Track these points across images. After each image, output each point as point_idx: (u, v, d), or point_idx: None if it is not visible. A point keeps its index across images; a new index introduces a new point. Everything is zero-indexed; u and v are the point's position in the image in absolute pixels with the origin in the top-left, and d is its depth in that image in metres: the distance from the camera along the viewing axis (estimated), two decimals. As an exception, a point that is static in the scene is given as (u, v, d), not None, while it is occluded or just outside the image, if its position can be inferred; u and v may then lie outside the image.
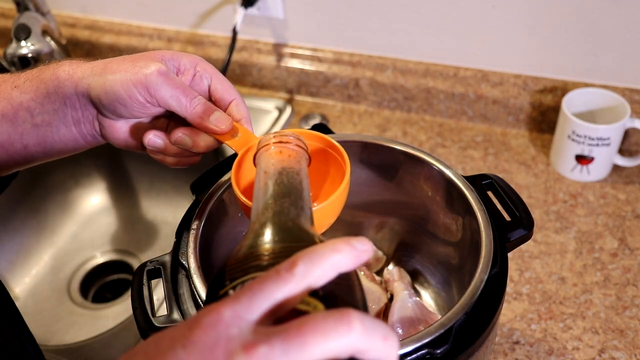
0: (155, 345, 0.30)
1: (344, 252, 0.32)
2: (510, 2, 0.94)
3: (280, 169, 0.45)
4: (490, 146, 1.02)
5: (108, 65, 0.54)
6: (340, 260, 0.32)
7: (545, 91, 1.00)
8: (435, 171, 0.63)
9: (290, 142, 0.48)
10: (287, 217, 0.40)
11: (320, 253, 0.32)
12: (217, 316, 0.30)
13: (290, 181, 0.44)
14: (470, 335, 0.50)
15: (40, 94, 0.55)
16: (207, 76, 0.57)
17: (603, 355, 0.74)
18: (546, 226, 0.88)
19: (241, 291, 0.31)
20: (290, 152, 0.47)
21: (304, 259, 0.31)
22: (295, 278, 0.31)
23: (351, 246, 0.32)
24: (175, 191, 1.13)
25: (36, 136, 0.56)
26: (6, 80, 0.56)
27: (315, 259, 0.31)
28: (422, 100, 1.07)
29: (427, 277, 0.72)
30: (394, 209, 0.71)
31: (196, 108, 0.54)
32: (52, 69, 0.55)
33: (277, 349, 0.28)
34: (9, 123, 0.56)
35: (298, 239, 0.38)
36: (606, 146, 0.90)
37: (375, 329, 0.29)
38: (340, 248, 0.32)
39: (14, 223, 1.07)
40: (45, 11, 1.03)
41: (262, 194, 0.43)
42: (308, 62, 1.10)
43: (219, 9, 1.12)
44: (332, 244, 0.32)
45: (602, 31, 0.92)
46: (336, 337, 0.28)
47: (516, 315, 0.78)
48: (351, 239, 0.33)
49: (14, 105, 0.55)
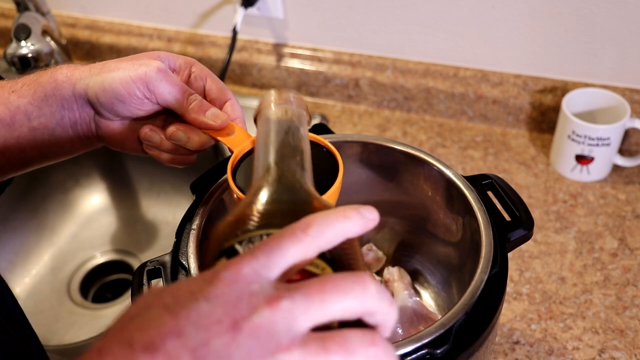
0: (172, 296, 0.30)
1: (354, 219, 0.33)
2: (510, 2, 0.94)
3: (286, 129, 0.44)
4: (490, 146, 1.02)
5: (106, 65, 0.55)
6: (350, 227, 0.33)
7: (545, 91, 1.00)
8: (435, 171, 0.63)
9: (293, 103, 0.47)
10: (295, 178, 0.40)
11: (333, 218, 0.33)
12: (237, 272, 0.30)
13: (296, 142, 0.43)
14: (470, 335, 0.50)
15: (38, 97, 0.55)
16: (202, 77, 0.58)
17: (603, 355, 0.74)
18: (546, 226, 0.88)
19: (258, 249, 0.31)
20: (293, 112, 0.46)
21: (317, 221, 0.32)
22: (310, 239, 0.31)
23: (360, 214, 0.33)
24: (175, 191, 1.13)
25: (33, 140, 0.57)
26: (3, 86, 0.57)
27: (328, 223, 0.32)
28: (422, 100, 1.07)
29: (427, 277, 0.72)
30: (394, 209, 0.71)
31: (192, 104, 0.55)
32: (50, 73, 0.56)
33: (299, 303, 0.29)
34: (5, 127, 0.56)
35: (306, 201, 0.38)
36: (606, 146, 0.90)
37: (385, 294, 0.31)
38: (350, 215, 0.33)
39: (14, 223, 1.07)
40: (45, 11, 1.03)
41: (265, 154, 0.42)
42: (308, 62, 1.10)
43: (219, 9, 1.12)
44: (343, 211, 0.33)
45: (602, 31, 0.92)
46: (353, 296, 0.30)
47: (516, 315, 0.78)
48: (360, 207, 0.34)
49: (11, 109, 0.55)
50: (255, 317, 0.28)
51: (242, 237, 0.34)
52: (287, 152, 0.42)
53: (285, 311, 0.29)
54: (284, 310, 0.29)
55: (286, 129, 0.44)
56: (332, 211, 0.33)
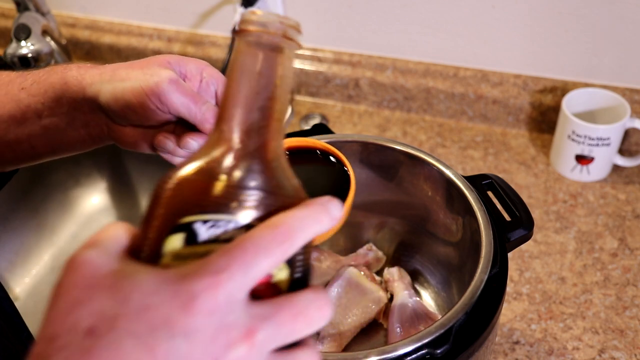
0: (144, 323, 0.27)
1: (324, 221, 0.32)
2: (510, 2, 0.94)
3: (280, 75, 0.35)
4: (490, 146, 1.02)
5: (117, 72, 0.54)
6: (319, 230, 0.32)
7: (545, 91, 1.00)
8: (435, 171, 0.64)
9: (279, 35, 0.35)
10: (278, 153, 0.34)
11: (306, 223, 0.31)
12: (214, 298, 0.28)
13: (286, 96, 0.36)
14: (470, 335, 0.50)
15: (49, 97, 0.55)
16: (213, 82, 0.57)
17: (603, 355, 0.74)
18: (546, 226, 0.88)
19: (233, 262, 0.29)
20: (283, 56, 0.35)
21: (293, 228, 0.31)
22: (285, 247, 0.30)
23: (330, 216, 0.33)
24: (175, 191, 1.13)
25: (44, 137, 0.57)
26: (12, 80, 0.57)
27: (303, 228, 0.31)
28: (422, 100, 1.07)
29: (427, 277, 0.72)
30: (394, 209, 0.71)
31: (205, 114, 0.54)
32: (60, 73, 0.55)
33: (271, 333, 0.29)
34: (16, 124, 0.56)
35: (286, 188, 0.34)
36: (606, 146, 0.90)
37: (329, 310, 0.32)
38: (321, 218, 0.32)
39: (14, 223, 1.07)
40: (45, 11, 1.03)
41: (250, 104, 0.34)
42: (308, 62, 1.10)
43: (219, 9, 1.12)
44: (315, 215, 0.32)
45: (602, 31, 0.92)
46: (317, 325, 0.30)
47: (516, 315, 0.78)
48: (328, 205, 0.33)
49: (22, 107, 0.55)
50: (233, 355, 0.28)
51: (207, 217, 0.31)
52: (278, 111, 0.35)
53: (260, 344, 0.28)
54: (259, 344, 0.28)
55: (280, 75, 0.35)
56: (305, 213, 0.32)
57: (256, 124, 0.34)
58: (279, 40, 0.34)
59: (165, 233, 0.31)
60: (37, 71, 0.57)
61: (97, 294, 0.28)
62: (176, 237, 0.31)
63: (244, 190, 0.32)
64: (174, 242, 0.31)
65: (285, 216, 0.31)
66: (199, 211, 0.31)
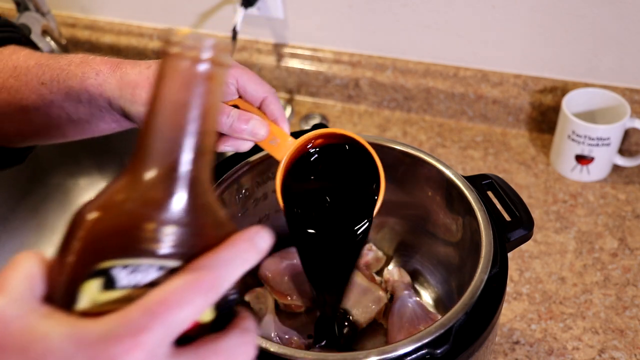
0: None
1: (251, 261, 0.31)
2: (510, 2, 0.94)
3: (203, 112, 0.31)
4: (490, 146, 1.02)
5: (136, 91, 0.54)
6: (247, 268, 0.31)
7: (545, 91, 1.00)
8: (435, 171, 0.63)
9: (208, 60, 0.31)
10: (207, 187, 0.32)
11: (234, 264, 0.30)
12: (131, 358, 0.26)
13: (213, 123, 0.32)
14: (470, 335, 0.50)
15: (73, 100, 0.56)
16: (232, 81, 0.56)
17: (603, 355, 0.74)
18: (546, 226, 0.88)
19: (155, 314, 0.27)
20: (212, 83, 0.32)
21: (221, 271, 0.29)
22: (212, 293, 0.29)
23: (257, 250, 0.31)
24: (175, 191, 1.13)
25: (74, 128, 0.58)
26: (29, 71, 0.56)
27: (231, 271, 0.30)
28: (422, 100, 1.07)
29: (427, 277, 0.72)
30: (394, 209, 0.71)
31: (233, 125, 0.55)
32: (79, 79, 0.55)
33: None
34: (43, 116, 0.57)
35: (216, 225, 0.32)
36: (606, 146, 0.90)
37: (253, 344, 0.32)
38: (248, 257, 0.31)
39: (14, 223, 1.07)
40: (45, 11, 1.03)
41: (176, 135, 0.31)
42: (308, 62, 1.10)
43: (219, 9, 1.12)
44: (241, 254, 0.31)
45: (602, 31, 0.92)
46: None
47: (516, 315, 0.78)
48: (257, 239, 0.31)
49: (46, 102, 0.56)
50: None
51: (127, 262, 0.29)
52: (205, 145, 0.32)
53: None
54: None
55: (208, 104, 0.31)
56: (231, 254, 0.30)
57: (181, 158, 0.31)
58: (208, 67, 0.31)
59: (82, 278, 0.29)
60: (52, 64, 0.56)
61: (7, 357, 0.26)
62: (94, 283, 0.28)
63: (167, 231, 0.30)
64: (92, 288, 0.29)
65: (210, 260, 0.29)
66: (117, 256, 0.29)
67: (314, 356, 0.48)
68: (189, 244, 0.30)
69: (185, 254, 0.30)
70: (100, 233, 0.29)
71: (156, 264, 0.29)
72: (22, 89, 0.56)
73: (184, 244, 0.30)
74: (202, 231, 0.31)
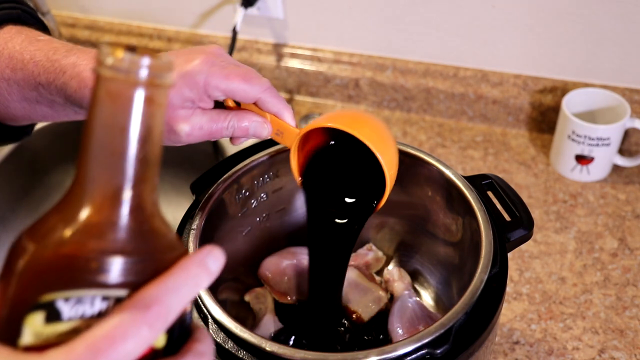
0: None
1: (202, 284, 0.30)
2: (510, 2, 0.94)
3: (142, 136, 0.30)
4: (490, 146, 1.02)
5: None
6: (198, 290, 0.30)
7: (545, 91, 1.00)
8: (435, 171, 0.63)
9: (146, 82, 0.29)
10: (147, 214, 0.30)
11: (180, 294, 0.29)
12: None
13: (157, 145, 0.31)
14: (470, 335, 0.50)
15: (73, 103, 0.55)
16: (218, 94, 0.54)
17: (603, 355, 0.74)
18: (546, 226, 0.88)
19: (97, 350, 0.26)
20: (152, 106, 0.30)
21: (166, 304, 0.28)
22: (159, 324, 0.28)
23: (209, 272, 0.31)
24: (175, 191, 1.13)
25: (83, 115, 0.58)
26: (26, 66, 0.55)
27: (175, 302, 0.29)
28: (422, 100, 1.07)
29: (427, 277, 0.72)
30: (394, 209, 0.71)
31: (234, 133, 0.56)
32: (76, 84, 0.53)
33: None
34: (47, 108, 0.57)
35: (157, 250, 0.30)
36: (606, 146, 0.90)
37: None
38: (199, 281, 0.30)
39: (14, 223, 1.07)
40: (45, 11, 1.03)
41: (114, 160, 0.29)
42: (308, 62, 1.10)
43: (219, 9, 1.12)
44: (191, 279, 0.30)
45: (602, 31, 0.92)
46: None
47: (516, 315, 0.78)
48: (207, 261, 0.31)
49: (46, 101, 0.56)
50: None
51: (70, 293, 0.27)
52: (148, 169, 0.30)
53: None
54: None
55: (148, 128, 0.30)
56: (180, 281, 0.29)
57: (121, 185, 0.29)
58: (145, 89, 0.29)
59: (25, 311, 0.27)
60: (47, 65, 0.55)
61: None
62: (37, 316, 0.27)
63: (110, 260, 0.28)
64: (36, 322, 0.27)
65: (157, 289, 0.29)
66: (60, 287, 0.27)
67: (314, 356, 0.48)
68: (135, 272, 0.29)
69: (132, 282, 0.29)
70: (41, 264, 0.28)
71: (101, 294, 0.28)
72: (20, 83, 0.56)
73: (130, 272, 0.29)
74: (148, 257, 0.30)
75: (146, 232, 0.30)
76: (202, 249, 0.31)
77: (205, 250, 0.31)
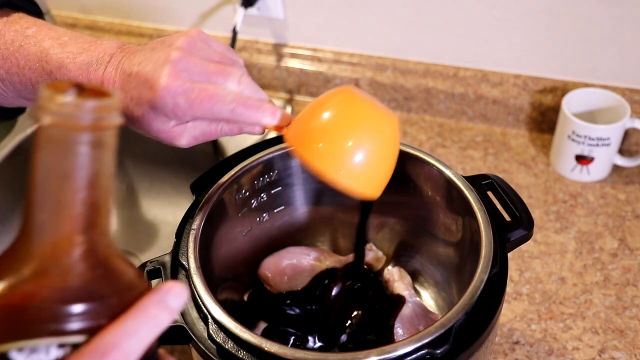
0: None
1: (162, 324, 0.30)
2: (510, 2, 0.94)
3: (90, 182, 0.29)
4: (490, 146, 1.02)
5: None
6: (160, 329, 0.30)
7: (545, 91, 1.00)
8: (435, 171, 0.63)
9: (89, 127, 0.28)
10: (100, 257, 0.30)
11: (138, 337, 0.28)
12: None
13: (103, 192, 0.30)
14: (470, 335, 0.50)
15: None
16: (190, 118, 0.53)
17: (603, 355, 0.74)
18: (546, 226, 0.88)
19: None
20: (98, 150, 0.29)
21: (124, 349, 0.28)
22: None
23: (170, 312, 0.30)
24: (175, 191, 1.13)
25: None
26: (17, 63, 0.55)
27: (134, 346, 0.28)
28: (422, 100, 1.07)
29: (427, 277, 0.72)
30: (394, 209, 0.71)
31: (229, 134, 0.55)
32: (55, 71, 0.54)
33: None
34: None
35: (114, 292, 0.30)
36: (606, 146, 0.90)
37: None
38: (158, 322, 0.29)
39: (14, 223, 1.07)
40: (45, 11, 1.03)
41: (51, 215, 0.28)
42: (308, 62, 1.10)
43: (219, 9, 1.12)
44: (152, 319, 0.29)
45: (602, 31, 0.92)
46: None
47: (516, 315, 0.78)
48: (167, 299, 0.30)
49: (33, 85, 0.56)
50: None
51: (23, 344, 0.27)
52: (98, 215, 0.29)
53: None
54: None
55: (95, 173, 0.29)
56: (137, 324, 0.29)
57: (70, 232, 0.29)
58: (91, 134, 0.28)
59: None
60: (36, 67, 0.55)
61: None
62: None
63: (64, 308, 0.28)
64: None
65: (114, 335, 0.28)
66: (12, 338, 0.27)
67: (314, 356, 0.48)
68: (92, 316, 0.28)
69: (89, 327, 0.28)
70: (5, 305, 0.27)
71: (56, 342, 0.27)
72: (17, 85, 0.56)
73: (86, 318, 0.28)
74: (105, 301, 0.29)
75: (100, 276, 0.29)
76: (162, 286, 0.30)
77: (165, 288, 0.30)
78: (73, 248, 0.29)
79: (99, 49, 0.54)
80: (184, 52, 0.51)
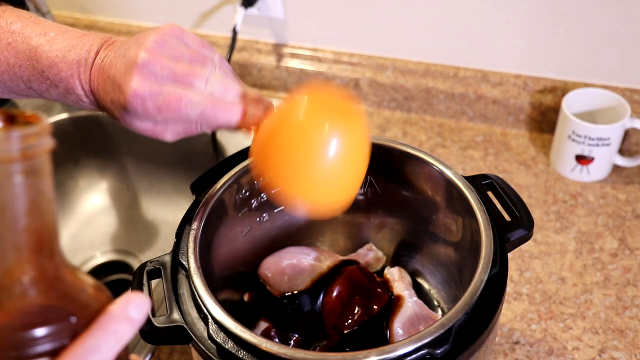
0: None
1: (126, 335, 0.30)
2: (510, 2, 0.94)
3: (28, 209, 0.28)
4: (490, 146, 1.02)
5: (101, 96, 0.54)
6: (123, 341, 0.29)
7: (545, 91, 1.00)
8: (435, 171, 0.63)
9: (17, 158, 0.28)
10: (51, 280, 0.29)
11: (103, 349, 0.28)
12: None
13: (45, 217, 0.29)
14: (470, 335, 0.50)
15: (50, 87, 0.55)
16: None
17: (603, 355, 0.74)
18: (546, 226, 0.88)
19: None
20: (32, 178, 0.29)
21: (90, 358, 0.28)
22: None
23: (132, 324, 0.30)
24: (175, 191, 1.13)
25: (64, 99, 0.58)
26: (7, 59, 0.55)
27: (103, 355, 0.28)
28: (422, 100, 1.07)
29: (427, 277, 0.72)
30: (394, 209, 0.71)
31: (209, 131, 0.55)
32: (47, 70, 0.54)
33: None
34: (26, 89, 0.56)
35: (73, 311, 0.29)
36: (606, 146, 0.90)
37: None
38: (123, 335, 0.29)
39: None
40: (45, 11, 1.03)
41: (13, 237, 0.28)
42: (308, 62, 1.10)
43: (219, 9, 1.12)
44: (113, 333, 0.29)
45: (602, 31, 0.92)
46: None
47: (516, 315, 0.78)
48: (128, 311, 0.30)
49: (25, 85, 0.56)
50: None
51: None
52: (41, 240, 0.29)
53: None
54: None
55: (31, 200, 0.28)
56: (98, 340, 0.28)
57: (14, 262, 0.28)
58: (21, 164, 0.28)
59: None
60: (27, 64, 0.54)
61: None
62: None
63: (21, 335, 0.28)
64: None
65: (77, 354, 0.28)
66: None
67: (314, 356, 0.48)
68: (53, 338, 0.28)
69: (50, 350, 0.28)
70: None
71: None
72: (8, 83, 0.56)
73: (47, 340, 0.28)
74: (64, 321, 0.29)
75: (55, 297, 0.29)
76: (122, 298, 0.30)
77: (125, 300, 0.30)
78: (22, 275, 0.28)
79: (86, 46, 0.54)
80: (151, 53, 0.50)
